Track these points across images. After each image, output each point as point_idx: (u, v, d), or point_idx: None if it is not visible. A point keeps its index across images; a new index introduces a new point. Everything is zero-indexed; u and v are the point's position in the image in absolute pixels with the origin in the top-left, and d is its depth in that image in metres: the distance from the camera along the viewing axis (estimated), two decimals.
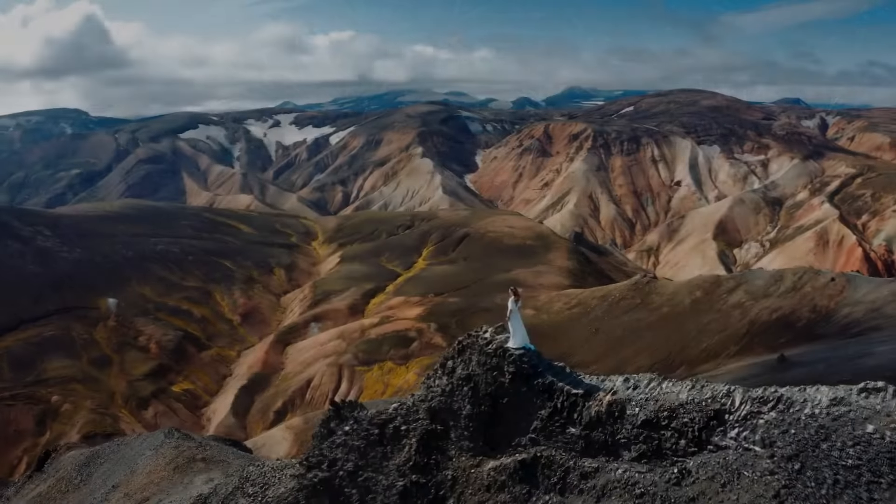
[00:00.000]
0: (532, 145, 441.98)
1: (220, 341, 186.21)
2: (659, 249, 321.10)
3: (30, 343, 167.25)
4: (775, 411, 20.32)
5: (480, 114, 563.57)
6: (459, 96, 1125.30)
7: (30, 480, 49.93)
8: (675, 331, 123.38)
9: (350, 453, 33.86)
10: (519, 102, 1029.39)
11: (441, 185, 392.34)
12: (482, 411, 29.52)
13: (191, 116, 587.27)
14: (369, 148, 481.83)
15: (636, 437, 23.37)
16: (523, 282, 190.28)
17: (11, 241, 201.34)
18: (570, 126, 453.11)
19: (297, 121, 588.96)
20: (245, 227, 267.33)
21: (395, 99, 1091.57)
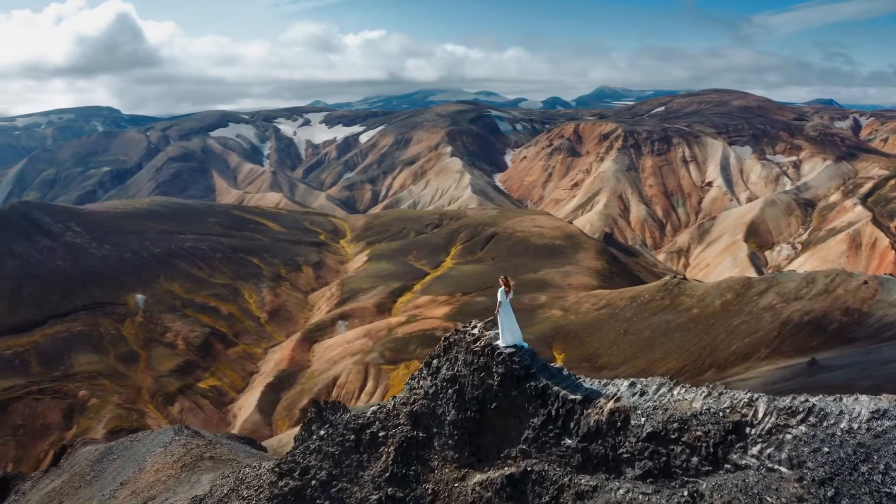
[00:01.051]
0: (562, 145, 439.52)
1: (247, 338, 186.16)
2: (689, 251, 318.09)
3: (58, 338, 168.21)
4: (805, 425, 17.55)
5: (510, 113, 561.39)
6: (490, 96, 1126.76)
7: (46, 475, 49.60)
8: (705, 333, 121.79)
9: (324, 460, 32.01)
10: (549, 102, 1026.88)
11: (470, 185, 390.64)
12: (468, 417, 27.17)
13: (221, 115, 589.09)
14: (398, 147, 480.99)
15: (641, 452, 20.88)
16: (551, 282, 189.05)
17: (41, 236, 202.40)
18: (600, 126, 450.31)
19: (326, 119, 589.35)
20: (273, 225, 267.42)
21: (426, 98, 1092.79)
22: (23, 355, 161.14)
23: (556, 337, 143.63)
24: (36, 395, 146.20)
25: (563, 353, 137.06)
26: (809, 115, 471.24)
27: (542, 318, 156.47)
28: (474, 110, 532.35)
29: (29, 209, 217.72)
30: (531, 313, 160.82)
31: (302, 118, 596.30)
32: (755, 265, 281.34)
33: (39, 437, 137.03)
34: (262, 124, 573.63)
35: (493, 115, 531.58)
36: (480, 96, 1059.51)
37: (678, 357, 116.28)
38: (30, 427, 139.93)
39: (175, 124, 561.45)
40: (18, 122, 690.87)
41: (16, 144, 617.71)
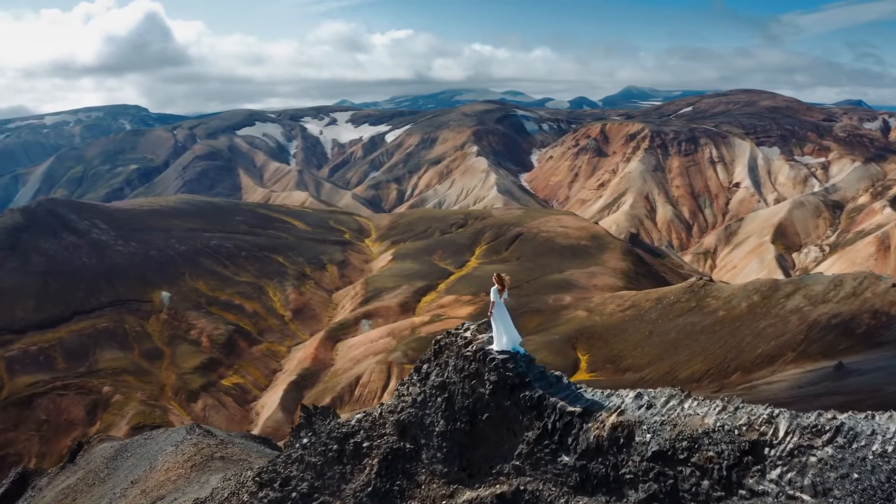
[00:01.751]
0: (588, 145, 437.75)
1: (270, 336, 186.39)
2: (716, 252, 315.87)
3: (83, 334, 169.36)
4: (832, 446, 15.52)
5: (536, 113, 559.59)
6: (516, 96, 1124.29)
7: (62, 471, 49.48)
8: (731, 335, 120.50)
9: (306, 471, 30.24)
10: (576, 102, 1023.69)
11: (496, 184, 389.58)
12: (458, 429, 25.20)
13: (248, 114, 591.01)
14: (424, 146, 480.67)
15: (645, 473, 18.72)
16: (576, 282, 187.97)
17: (67, 233, 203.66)
18: (626, 126, 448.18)
19: (353, 119, 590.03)
20: (299, 224, 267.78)
21: (452, 98, 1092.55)
22: (48, 351, 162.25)
23: (580, 338, 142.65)
24: (60, 391, 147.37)
25: (587, 355, 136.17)
26: (838, 116, 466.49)
27: (567, 318, 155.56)
28: (500, 110, 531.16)
29: (55, 206, 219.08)
30: (556, 314, 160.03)
31: (328, 117, 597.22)
32: (782, 267, 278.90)
33: (63, 432, 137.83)
34: (288, 123, 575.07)
35: (519, 114, 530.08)
36: (507, 96, 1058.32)
37: (703, 359, 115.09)
38: (54, 422, 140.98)
39: (202, 123, 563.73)
40: (47, 120, 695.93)
41: (44, 142, 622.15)
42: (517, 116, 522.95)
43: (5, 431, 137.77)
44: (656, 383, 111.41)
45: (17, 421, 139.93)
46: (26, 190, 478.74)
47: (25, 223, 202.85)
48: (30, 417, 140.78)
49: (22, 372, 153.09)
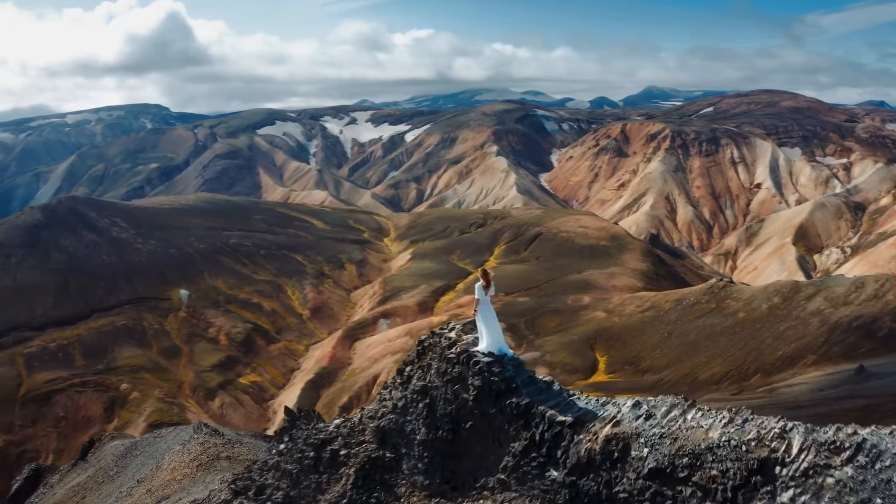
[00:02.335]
0: (608, 145, 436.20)
1: (288, 335, 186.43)
2: (737, 253, 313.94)
3: (102, 332, 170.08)
4: (852, 466, 13.70)
5: (556, 113, 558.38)
6: (537, 95, 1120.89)
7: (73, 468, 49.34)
8: (751, 337, 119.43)
9: (282, 479, 28.67)
10: (596, 102, 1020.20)
11: (515, 184, 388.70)
12: (440, 437, 23.56)
13: (268, 113, 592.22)
14: (444, 146, 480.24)
15: (641, 493, 16.94)
16: (595, 283, 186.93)
17: (87, 231, 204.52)
18: (647, 126, 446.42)
19: (373, 118, 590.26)
20: (318, 223, 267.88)
21: (472, 98, 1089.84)
22: (67, 348, 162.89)
23: (599, 339, 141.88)
24: (78, 388, 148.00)
25: (605, 356, 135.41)
26: (860, 117, 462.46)
27: (586, 319, 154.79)
28: (520, 109, 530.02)
29: (76, 204, 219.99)
30: (575, 314, 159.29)
31: (348, 117, 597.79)
32: (803, 269, 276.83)
33: (81, 429, 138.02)
34: (308, 122, 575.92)
35: (539, 114, 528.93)
36: (527, 96, 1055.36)
37: (723, 362, 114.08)
38: (71, 419, 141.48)
39: (222, 122, 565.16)
40: (69, 118, 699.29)
41: (66, 140, 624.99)
42: (537, 116, 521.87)
43: (23, 428, 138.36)
44: (675, 385, 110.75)
45: (35, 417, 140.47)
46: (47, 188, 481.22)
47: (46, 221, 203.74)
48: (48, 414, 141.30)
49: (41, 369, 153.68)
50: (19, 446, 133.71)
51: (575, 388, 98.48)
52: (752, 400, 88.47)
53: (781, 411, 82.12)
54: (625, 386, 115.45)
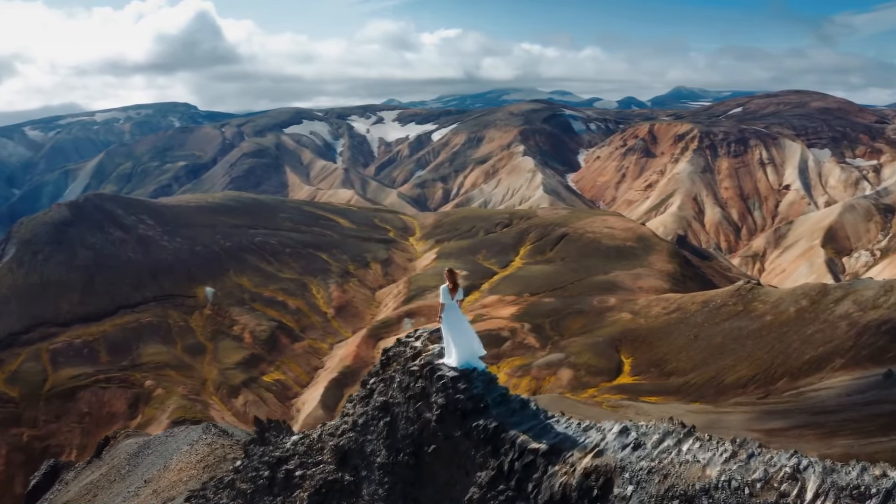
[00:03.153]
0: (636, 145, 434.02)
1: (313, 333, 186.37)
2: (765, 255, 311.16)
3: (127, 328, 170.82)
4: None
5: (584, 113, 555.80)
6: (564, 95, 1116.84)
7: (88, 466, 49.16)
8: (778, 340, 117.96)
9: (236, 499, 26.38)
10: (624, 102, 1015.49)
11: (542, 184, 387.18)
12: (401, 461, 21.03)
13: (295, 112, 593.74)
14: (471, 145, 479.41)
15: None
16: (621, 284, 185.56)
17: (114, 228, 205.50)
18: (675, 126, 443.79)
19: (399, 117, 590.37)
20: (344, 222, 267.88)
21: (499, 97, 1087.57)
22: (92, 344, 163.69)
23: (624, 340, 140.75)
24: (103, 384, 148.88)
25: (630, 358, 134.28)
26: (891, 118, 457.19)
27: (611, 320, 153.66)
28: (547, 109, 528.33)
29: (103, 201, 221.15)
30: (600, 315, 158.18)
31: (375, 116, 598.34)
32: (832, 272, 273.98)
33: (105, 425, 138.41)
34: (335, 122, 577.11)
35: (566, 114, 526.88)
36: (555, 95, 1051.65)
37: (749, 365, 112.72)
38: (95, 415, 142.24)
39: (250, 121, 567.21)
40: (97, 116, 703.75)
41: (94, 138, 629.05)
42: (564, 116, 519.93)
43: (48, 423, 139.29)
44: (701, 388, 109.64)
45: (59, 413, 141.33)
46: (76, 185, 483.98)
47: (73, 218, 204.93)
48: (72, 410, 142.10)
49: (65, 364, 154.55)
50: (43, 441, 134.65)
51: (600, 389, 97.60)
52: (779, 404, 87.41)
53: (808, 416, 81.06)
54: (650, 388, 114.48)
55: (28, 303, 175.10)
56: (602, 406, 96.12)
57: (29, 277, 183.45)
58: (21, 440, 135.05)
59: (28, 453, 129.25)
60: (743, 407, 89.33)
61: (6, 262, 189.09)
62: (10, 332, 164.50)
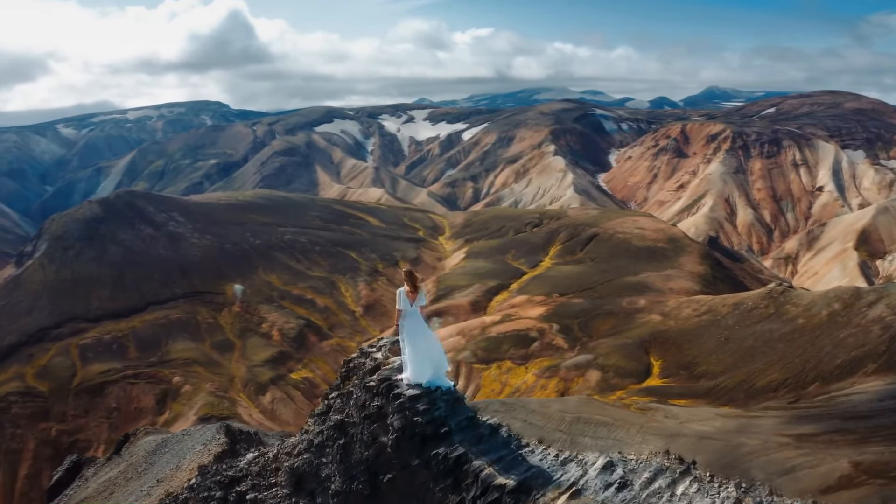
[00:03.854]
0: (668, 145, 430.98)
1: (341, 331, 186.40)
2: (797, 258, 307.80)
3: (156, 324, 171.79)
4: None
5: (616, 112, 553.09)
6: (596, 95, 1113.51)
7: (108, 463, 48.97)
8: (810, 344, 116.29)
9: None
10: (656, 102, 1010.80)
11: (572, 184, 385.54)
12: (355, 490, 18.44)
13: (326, 110, 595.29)
14: (501, 145, 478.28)
15: None
16: (651, 285, 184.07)
17: (144, 225, 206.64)
18: (707, 126, 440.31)
19: (430, 117, 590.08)
20: (373, 220, 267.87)
21: (531, 97, 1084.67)
22: (121, 340, 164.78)
23: (653, 342, 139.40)
24: (131, 380, 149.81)
25: (660, 360, 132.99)
26: None
27: (641, 322, 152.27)
28: (579, 109, 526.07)
29: (134, 198, 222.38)
30: (629, 317, 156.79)
31: (406, 115, 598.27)
32: (865, 275, 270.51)
33: (132, 420, 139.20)
34: (366, 120, 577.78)
35: (597, 113, 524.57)
36: (586, 95, 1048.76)
37: (780, 369, 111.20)
38: (124, 410, 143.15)
39: (281, 119, 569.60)
40: (130, 114, 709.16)
41: (127, 136, 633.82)
42: (596, 115, 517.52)
43: (76, 418, 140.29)
44: (731, 392, 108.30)
45: (87, 408, 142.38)
46: (108, 182, 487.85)
47: (104, 214, 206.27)
48: (100, 405, 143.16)
49: (95, 360, 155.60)
50: (71, 436, 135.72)
51: (628, 392, 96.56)
52: (810, 409, 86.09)
53: (839, 421, 79.71)
54: (679, 391, 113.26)
55: (59, 298, 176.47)
56: (630, 408, 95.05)
57: (60, 273, 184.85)
58: (49, 434, 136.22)
59: (56, 447, 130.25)
60: (773, 411, 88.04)
61: (38, 257, 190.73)
62: (41, 328, 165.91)
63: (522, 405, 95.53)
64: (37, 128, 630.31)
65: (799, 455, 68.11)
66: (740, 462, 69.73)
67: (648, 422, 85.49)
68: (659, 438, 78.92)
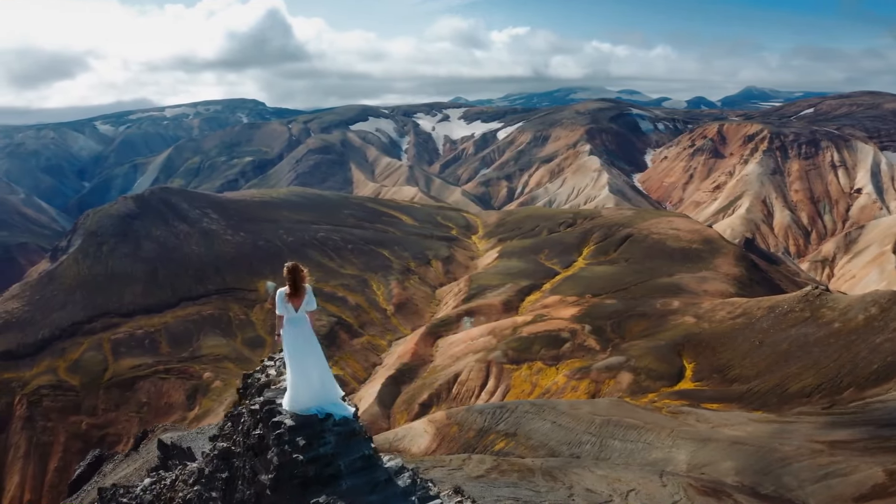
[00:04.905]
0: (704, 146, 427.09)
1: (372, 329, 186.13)
2: (834, 261, 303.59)
3: (188, 320, 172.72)
4: None
5: (652, 112, 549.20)
6: (632, 94, 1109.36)
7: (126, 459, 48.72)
8: (845, 349, 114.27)
9: None
10: (693, 102, 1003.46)
11: (608, 184, 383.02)
12: None
13: (362, 109, 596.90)
14: (536, 144, 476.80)
15: None
16: (686, 287, 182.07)
17: (178, 221, 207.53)
18: (745, 127, 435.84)
19: (465, 115, 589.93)
20: (407, 219, 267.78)
21: (567, 96, 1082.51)
22: (153, 335, 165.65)
23: (686, 345, 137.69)
24: (162, 375, 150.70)
25: (693, 363, 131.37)
26: None
27: (674, 324, 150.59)
28: (615, 108, 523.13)
29: (168, 195, 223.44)
30: (663, 319, 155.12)
31: (441, 114, 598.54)
32: None
33: (162, 415, 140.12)
34: (401, 119, 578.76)
35: (634, 113, 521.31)
36: (623, 94, 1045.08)
37: (815, 373, 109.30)
38: (154, 405, 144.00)
39: (316, 117, 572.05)
40: (167, 112, 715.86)
41: (164, 133, 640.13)
42: (632, 115, 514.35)
43: (106, 412, 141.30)
44: (764, 396, 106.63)
45: (118, 402, 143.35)
46: (144, 179, 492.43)
47: (138, 210, 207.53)
48: (131, 399, 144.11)
49: (126, 355, 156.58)
50: (102, 429, 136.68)
51: (660, 395, 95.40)
52: (844, 415, 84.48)
53: (874, 428, 78.06)
54: (711, 395, 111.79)
55: (92, 293, 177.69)
56: (662, 412, 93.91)
57: (93, 268, 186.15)
58: (80, 428, 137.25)
59: (86, 441, 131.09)
60: (807, 417, 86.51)
61: (72, 253, 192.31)
62: (74, 322, 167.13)
63: (552, 407, 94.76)
64: (75, 124, 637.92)
65: (832, 462, 66.77)
66: (772, 468, 68.51)
67: (680, 426, 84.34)
68: (690, 443, 77.81)
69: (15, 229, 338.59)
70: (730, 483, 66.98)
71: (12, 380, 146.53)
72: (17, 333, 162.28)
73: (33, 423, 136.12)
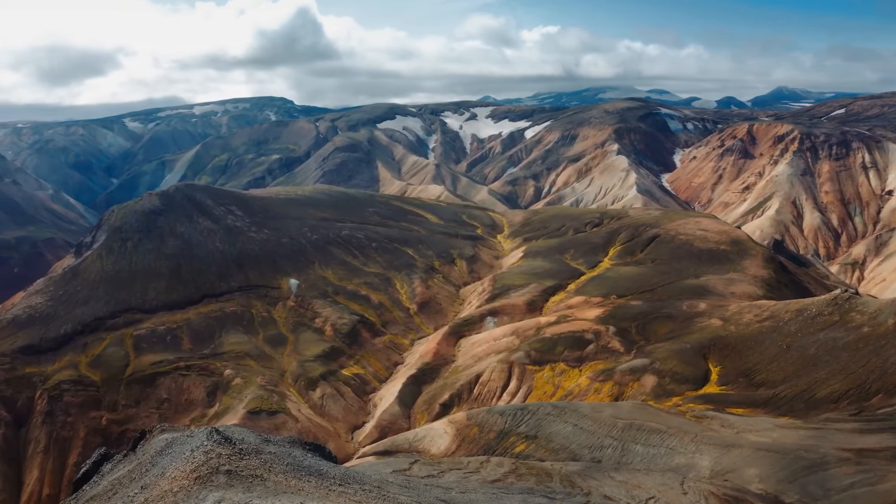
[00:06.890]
0: (734, 146, 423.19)
1: (394, 328, 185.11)
2: (864, 263, 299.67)
3: (210, 317, 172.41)
4: None
5: (681, 112, 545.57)
6: (662, 94, 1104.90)
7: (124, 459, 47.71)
8: (874, 354, 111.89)
9: None
10: (724, 102, 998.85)
11: (635, 184, 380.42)
12: None
13: (389, 107, 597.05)
14: (564, 143, 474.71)
15: None
16: (713, 289, 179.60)
17: (203, 218, 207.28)
18: (775, 127, 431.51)
19: (493, 114, 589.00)
20: (432, 217, 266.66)
21: (596, 95, 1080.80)
22: (175, 331, 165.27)
23: (712, 348, 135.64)
24: (183, 371, 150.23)
25: (718, 366, 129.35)
26: None
27: (700, 326, 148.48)
28: (643, 108, 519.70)
29: (193, 192, 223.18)
30: (688, 321, 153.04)
31: (468, 112, 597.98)
32: None
33: (182, 412, 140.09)
34: (428, 117, 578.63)
35: (662, 112, 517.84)
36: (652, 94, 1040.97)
37: (843, 379, 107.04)
38: (174, 401, 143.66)
39: (343, 115, 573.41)
40: (196, 109, 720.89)
41: (192, 131, 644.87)
42: (661, 115, 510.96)
43: (126, 408, 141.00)
44: (791, 401, 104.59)
45: (139, 398, 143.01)
46: (172, 176, 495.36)
47: (163, 207, 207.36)
48: (151, 395, 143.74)
49: (148, 350, 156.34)
50: (122, 425, 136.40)
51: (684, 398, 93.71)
52: (872, 422, 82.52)
53: None
54: (737, 399, 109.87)
55: (115, 289, 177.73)
56: (686, 416, 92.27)
57: (117, 264, 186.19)
58: (100, 423, 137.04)
59: (106, 437, 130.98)
60: (834, 423, 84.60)
61: (96, 248, 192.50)
62: (97, 317, 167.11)
63: (574, 409, 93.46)
64: (104, 121, 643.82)
65: (859, 471, 65.00)
66: (797, 476, 66.89)
67: (703, 430, 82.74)
68: (713, 448, 76.29)
69: (43, 225, 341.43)
70: (753, 491, 65.42)
71: (34, 374, 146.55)
72: (40, 328, 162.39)
73: (53, 417, 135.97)
